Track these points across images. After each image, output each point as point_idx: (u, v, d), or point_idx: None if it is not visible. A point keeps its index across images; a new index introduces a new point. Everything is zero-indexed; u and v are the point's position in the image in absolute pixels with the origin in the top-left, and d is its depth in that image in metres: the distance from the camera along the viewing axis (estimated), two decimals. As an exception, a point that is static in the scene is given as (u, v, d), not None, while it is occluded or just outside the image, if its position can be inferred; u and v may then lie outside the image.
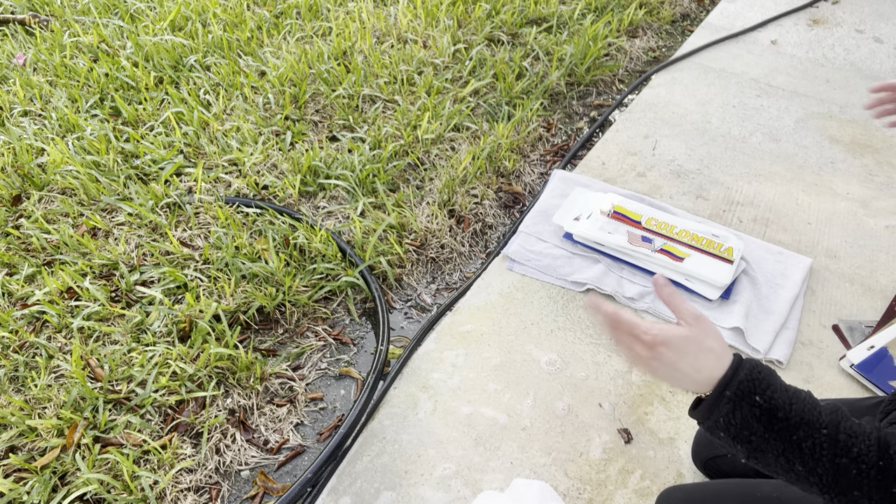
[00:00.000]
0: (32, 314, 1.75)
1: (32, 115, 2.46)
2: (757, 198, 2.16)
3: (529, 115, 2.46)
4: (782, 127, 2.49)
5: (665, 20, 3.24)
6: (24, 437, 1.48)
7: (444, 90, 2.56)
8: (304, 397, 1.62)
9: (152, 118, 2.41)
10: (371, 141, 2.29)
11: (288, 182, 2.11)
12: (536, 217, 2.04)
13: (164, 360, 1.61)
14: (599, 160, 2.33)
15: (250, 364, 1.62)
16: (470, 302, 1.83)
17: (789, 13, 3.26)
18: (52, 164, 2.17)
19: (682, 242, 1.88)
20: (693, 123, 2.51)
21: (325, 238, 1.91)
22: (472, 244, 2.07)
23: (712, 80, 2.75)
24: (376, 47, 2.74)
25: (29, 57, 2.72)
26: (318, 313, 1.81)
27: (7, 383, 1.60)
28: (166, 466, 1.44)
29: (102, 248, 1.92)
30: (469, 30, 2.90)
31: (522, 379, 1.62)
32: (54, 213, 2.06)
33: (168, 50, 2.70)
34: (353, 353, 1.75)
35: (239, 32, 2.82)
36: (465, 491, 1.40)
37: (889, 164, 2.32)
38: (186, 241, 1.96)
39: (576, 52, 2.73)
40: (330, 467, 1.45)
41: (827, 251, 1.96)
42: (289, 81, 2.57)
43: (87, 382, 1.54)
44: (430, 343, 1.72)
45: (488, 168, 2.24)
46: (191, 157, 2.27)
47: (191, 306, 1.71)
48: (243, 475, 1.48)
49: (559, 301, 1.82)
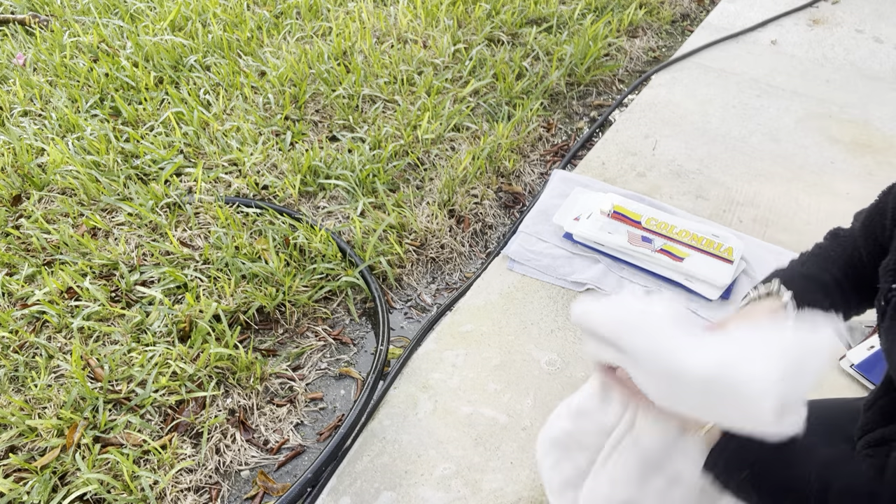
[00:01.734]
0: (32, 314, 1.75)
1: (32, 115, 2.46)
2: (757, 198, 2.16)
3: (529, 115, 2.46)
4: (782, 127, 2.49)
5: (665, 20, 3.24)
6: (24, 437, 1.48)
7: (444, 90, 2.56)
8: (304, 397, 1.63)
9: (152, 118, 2.41)
10: (371, 141, 2.29)
11: (288, 182, 2.11)
12: (536, 217, 2.04)
13: (164, 360, 1.61)
14: (599, 160, 2.33)
15: (250, 364, 1.62)
16: (470, 302, 1.83)
17: (789, 13, 3.26)
18: (52, 164, 2.17)
19: (682, 242, 1.88)
20: (693, 123, 2.50)
21: (325, 238, 1.91)
22: (472, 244, 2.07)
23: (712, 80, 2.75)
24: (376, 47, 2.74)
25: (29, 57, 2.72)
26: (318, 313, 1.81)
27: (7, 383, 1.60)
28: (166, 466, 1.44)
29: (102, 248, 1.92)
30: (469, 30, 2.90)
31: (522, 379, 1.62)
32: (54, 213, 2.06)
33: (168, 50, 2.70)
34: (353, 353, 1.75)
35: (239, 32, 2.82)
36: (465, 491, 1.40)
37: (889, 164, 2.32)
38: (186, 241, 1.96)
39: (576, 52, 2.73)
40: (330, 467, 1.45)
41: (827, 251, 1.96)
42: (289, 81, 2.57)
43: (87, 382, 1.54)
44: (430, 343, 1.72)
45: (488, 168, 2.24)
46: (191, 157, 2.27)
47: (191, 306, 1.71)
48: (243, 475, 1.48)
49: (559, 301, 1.81)
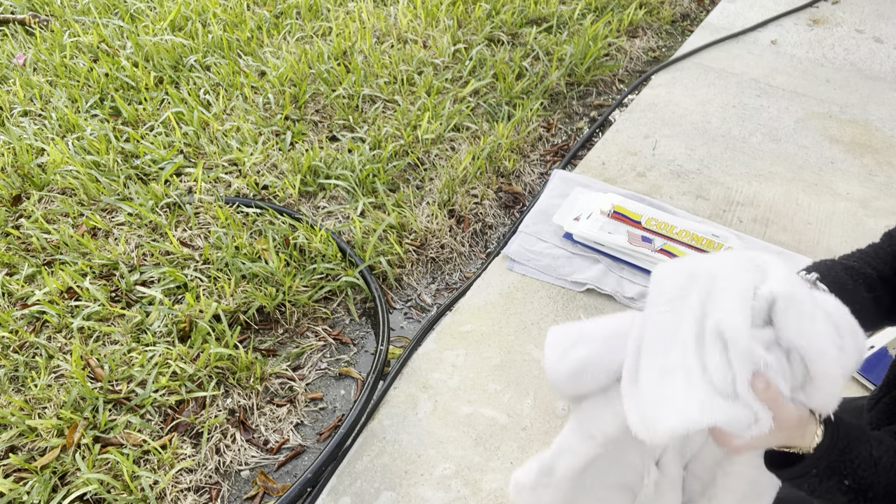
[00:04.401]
0: (32, 314, 1.75)
1: (32, 115, 2.46)
2: (757, 198, 2.16)
3: (529, 115, 2.46)
4: (782, 127, 2.49)
5: (665, 20, 3.24)
6: (24, 437, 1.48)
7: (444, 90, 2.56)
8: (304, 397, 1.63)
9: (152, 118, 2.41)
10: (371, 141, 2.29)
11: (288, 182, 2.11)
12: (536, 217, 2.04)
13: (164, 360, 1.61)
14: (599, 160, 2.33)
15: (250, 364, 1.62)
16: (470, 302, 1.83)
17: (789, 13, 3.26)
18: (52, 164, 2.17)
19: (682, 242, 1.88)
20: (693, 123, 2.50)
21: (325, 238, 1.91)
22: (472, 244, 2.07)
23: (712, 80, 2.75)
24: (376, 47, 2.74)
25: (29, 57, 2.72)
26: (318, 313, 1.81)
27: (7, 383, 1.60)
28: (166, 466, 1.44)
29: (102, 248, 1.92)
30: (469, 30, 2.90)
31: (522, 379, 1.62)
32: (54, 213, 2.06)
33: (168, 50, 2.70)
34: (353, 353, 1.75)
35: (239, 32, 2.82)
36: (465, 491, 1.40)
37: (889, 164, 2.32)
38: (186, 241, 1.96)
39: (576, 52, 2.73)
40: (330, 467, 1.45)
41: (827, 251, 1.96)
42: (289, 81, 2.57)
43: (87, 382, 1.54)
44: (430, 343, 1.72)
45: (488, 168, 2.24)
46: (191, 157, 2.27)
47: (191, 306, 1.71)
48: (243, 475, 1.48)
49: (559, 301, 1.81)
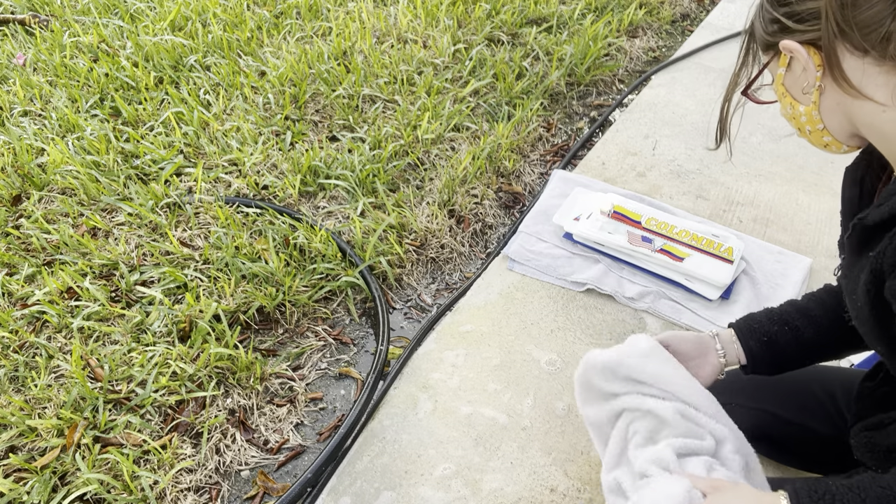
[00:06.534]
0: (32, 314, 1.75)
1: (32, 115, 2.46)
2: (757, 198, 2.16)
3: (529, 115, 2.46)
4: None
5: (665, 20, 3.24)
6: (24, 437, 1.48)
7: (444, 90, 2.56)
8: (304, 397, 1.63)
9: (152, 118, 2.41)
10: (371, 141, 2.29)
11: (288, 182, 2.11)
12: (536, 217, 2.04)
13: (164, 360, 1.61)
14: (599, 160, 2.33)
15: (250, 364, 1.62)
16: (470, 302, 1.83)
17: (789, 13, 3.26)
18: (52, 164, 2.17)
19: (682, 242, 1.88)
20: (693, 123, 2.50)
21: (325, 238, 1.91)
22: (472, 244, 2.07)
23: (712, 80, 2.75)
24: (376, 47, 2.74)
25: (29, 57, 2.72)
26: (318, 313, 1.81)
27: (7, 383, 1.60)
28: (166, 466, 1.44)
29: (102, 248, 1.92)
30: (469, 30, 2.90)
31: (522, 379, 1.62)
32: (54, 213, 2.06)
33: (168, 50, 2.70)
34: (353, 353, 1.75)
35: (239, 32, 2.82)
36: (465, 491, 1.40)
37: (889, 164, 2.32)
38: (186, 241, 1.96)
39: (576, 52, 2.73)
40: (330, 467, 1.45)
41: (827, 251, 1.96)
42: (289, 81, 2.57)
43: (87, 382, 1.54)
44: (430, 343, 1.72)
45: (488, 168, 2.24)
46: (191, 157, 2.27)
47: (191, 306, 1.71)
48: (243, 475, 1.48)
49: (559, 301, 1.82)
